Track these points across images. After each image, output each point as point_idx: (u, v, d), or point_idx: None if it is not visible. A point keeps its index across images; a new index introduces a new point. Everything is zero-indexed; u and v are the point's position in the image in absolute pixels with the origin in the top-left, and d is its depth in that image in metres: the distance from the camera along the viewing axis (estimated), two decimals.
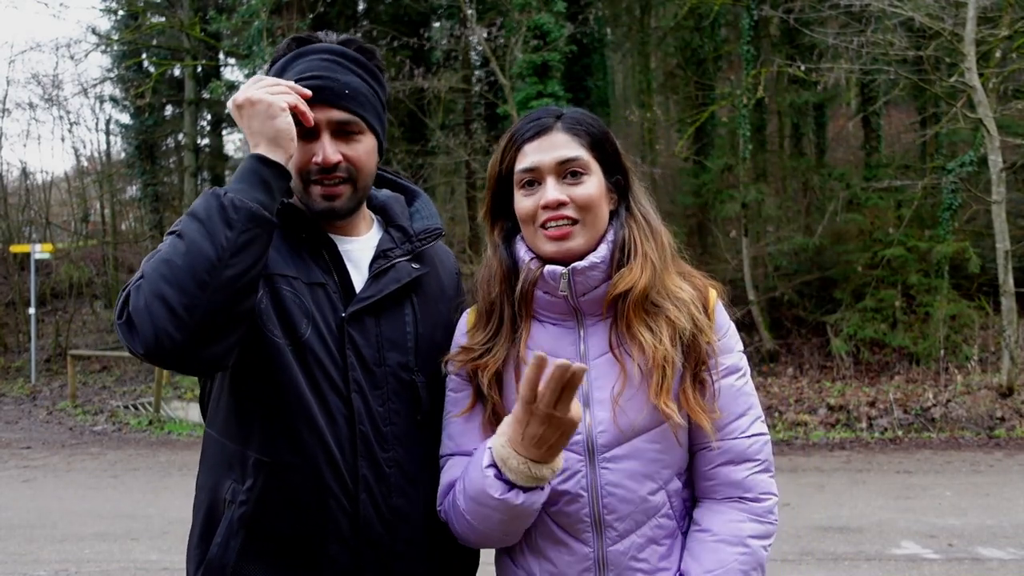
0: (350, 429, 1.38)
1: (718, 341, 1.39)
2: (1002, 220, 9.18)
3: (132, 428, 10.64)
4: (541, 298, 1.39)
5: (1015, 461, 7.40)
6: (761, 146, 13.37)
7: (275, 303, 1.37)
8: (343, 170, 1.42)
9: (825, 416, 9.21)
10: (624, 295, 1.34)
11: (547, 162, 1.36)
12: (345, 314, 1.40)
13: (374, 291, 1.44)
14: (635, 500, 1.33)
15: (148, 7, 17.05)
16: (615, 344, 1.36)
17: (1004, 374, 9.12)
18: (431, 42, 12.65)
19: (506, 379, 1.39)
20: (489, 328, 1.42)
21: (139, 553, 5.25)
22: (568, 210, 1.35)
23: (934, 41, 9.56)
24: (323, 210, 1.43)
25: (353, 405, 1.38)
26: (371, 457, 1.39)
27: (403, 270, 1.48)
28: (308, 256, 1.44)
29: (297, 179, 1.43)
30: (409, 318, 1.48)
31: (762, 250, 12.57)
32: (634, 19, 15.90)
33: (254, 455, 1.36)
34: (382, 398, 1.42)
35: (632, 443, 1.33)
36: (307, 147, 1.40)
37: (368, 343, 1.42)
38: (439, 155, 13.30)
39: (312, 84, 1.39)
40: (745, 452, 1.38)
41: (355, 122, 1.42)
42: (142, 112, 16.96)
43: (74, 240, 20.48)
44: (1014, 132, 10.35)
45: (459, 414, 1.43)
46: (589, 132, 1.39)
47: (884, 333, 10.87)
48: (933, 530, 5.27)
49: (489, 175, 1.47)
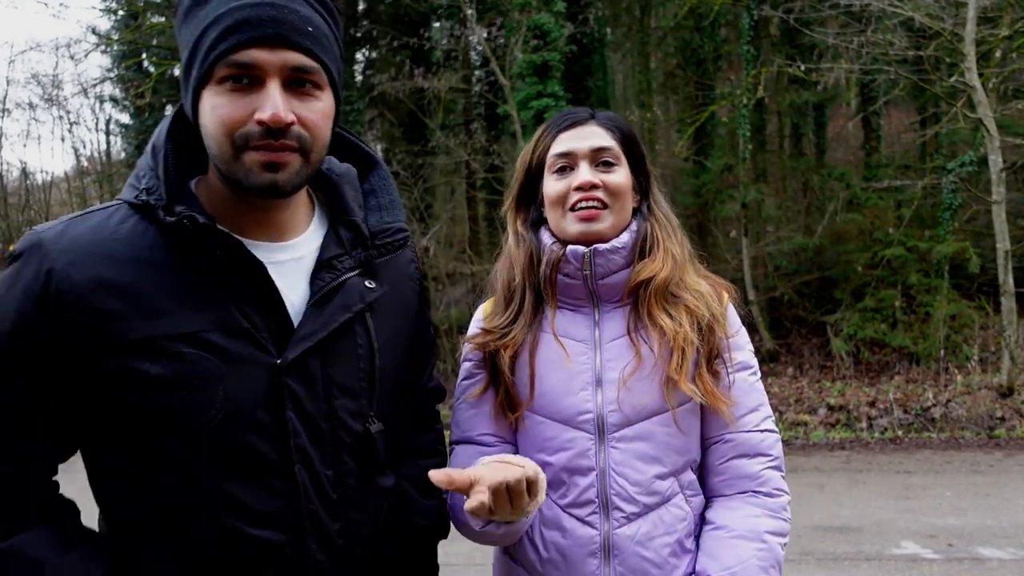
0: (293, 511, 1.08)
1: (731, 337, 1.41)
2: (1002, 220, 9.17)
3: None
4: (561, 282, 1.41)
5: (1015, 461, 7.40)
6: (761, 146, 13.36)
7: (167, 387, 1.00)
8: (293, 135, 1.02)
9: (825, 416, 9.21)
10: (646, 283, 1.37)
11: (583, 148, 1.40)
12: (281, 361, 1.05)
13: (316, 326, 1.08)
14: (643, 482, 1.34)
15: (148, 7, 17.04)
16: (632, 328, 1.38)
17: (1004, 374, 9.11)
18: (431, 42, 12.64)
19: (520, 362, 1.41)
20: (509, 312, 1.44)
21: None
22: (599, 193, 1.39)
23: (934, 41, 9.55)
24: (262, 184, 1.03)
25: (297, 480, 1.07)
26: (322, 534, 1.11)
27: (354, 291, 1.13)
28: (219, 284, 1.04)
29: (225, 144, 1.02)
30: (364, 351, 1.14)
31: (762, 250, 12.57)
32: (634, 19, 15.88)
33: (170, 550, 1.06)
34: (330, 459, 1.11)
35: (642, 424, 1.34)
36: (244, 99, 1.00)
37: (312, 394, 1.08)
38: (439, 155, 13.29)
39: (250, 15, 0.99)
40: (758, 446, 1.38)
41: (315, 70, 1.03)
42: (142, 112, 16.94)
43: None
44: (1014, 132, 10.35)
45: (470, 397, 1.45)
46: (621, 129, 1.45)
47: (884, 333, 10.87)
48: (933, 530, 5.27)
49: (520, 164, 1.50)
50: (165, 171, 1.05)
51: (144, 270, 1.01)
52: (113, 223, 1.05)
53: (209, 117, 1.02)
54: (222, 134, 1.02)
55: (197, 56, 1.01)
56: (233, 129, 1.01)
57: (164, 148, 1.07)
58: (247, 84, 1.01)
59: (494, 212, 13.68)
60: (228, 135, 1.01)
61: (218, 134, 1.02)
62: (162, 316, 1.00)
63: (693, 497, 1.39)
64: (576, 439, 1.35)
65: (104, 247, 1.02)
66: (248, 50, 0.99)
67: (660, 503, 1.35)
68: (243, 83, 1.00)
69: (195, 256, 1.04)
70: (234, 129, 1.01)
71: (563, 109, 11.00)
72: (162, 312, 1.01)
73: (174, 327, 1.01)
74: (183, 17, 1.05)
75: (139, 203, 1.05)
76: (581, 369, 1.38)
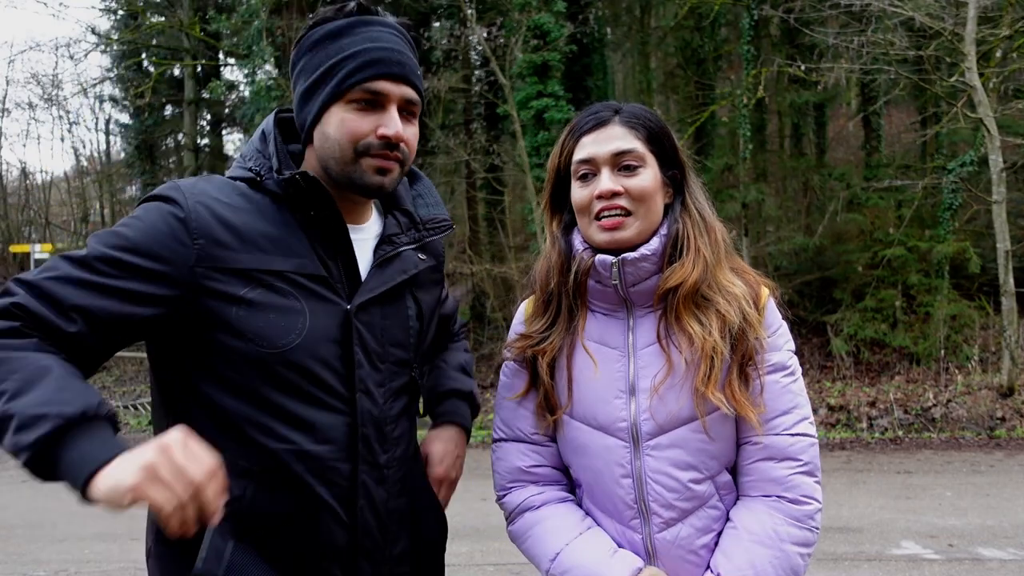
0: (350, 433, 1.30)
1: (767, 338, 1.38)
2: (1002, 220, 9.17)
3: (132, 428, 10.64)
4: (593, 288, 1.41)
5: (1015, 461, 7.40)
6: (761, 146, 13.36)
7: (260, 309, 1.24)
8: (401, 150, 1.32)
9: (825, 416, 9.21)
10: (675, 289, 1.36)
11: (603, 154, 1.38)
12: (351, 306, 1.31)
13: (379, 283, 1.36)
14: (679, 488, 1.34)
15: (148, 7, 17.04)
16: (663, 335, 1.37)
17: (1004, 374, 9.11)
18: (431, 42, 12.64)
19: (559, 366, 1.42)
20: (547, 317, 1.45)
21: (139, 553, 5.22)
22: (622, 200, 1.36)
23: (934, 41, 9.55)
24: (373, 185, 1.32)
25: (358, 406, 1.30)
26: (372, 461, 1.32)
27: (409, 260, 1.42)
28: (309, 239, 1.31)
29: (348, 149, 1.30)
30: (412, 311, 1.42)
31: (762, 250, 12.57)
32: (634, 19, 15.89)
33: (242, 464, 1.24)
34: (385, 396, 1.35)
35: (677, 432, 1.34)
36: (368, 117, 1.30)
37: (374, 337, 1.34)
38: (439, 155, 13.29)
39: (383, 56, 1.30)
40: (787, 450, 1.36)
41: (418, 103, 1.35)
42: (142, 112, 16.95)
43: (74, 240, 20.47)
44: (1014, 132, 10.35)
45: (512, 397, 1.47)
46: (646, 126, 1.41)
47: (884, 333, 10.87)
48: (933, 530, 5.27)
49: (549, 168, 1.49)
50: (276, 149, 1.34)
51: (251, 219, 1.28)
52: (230, 185, 1.33)
53: (336, 127, 1.31)
54: (348, 141, 1.30)
55: (331, 79, 1.30)
56: (358, 139, 1.30)
57: (274, 132, 1.37)
58: (372, 107, 1.30)
59: (494, 212, 13.69)
60: (352, 143, 1.30)
61: (344, 141, 1.30)
62: (261, 254, 1.26)
63: (727, 495, 1.39)
64: (612, 447, 1.36)
65: (225, 197, 1.29)
66: (380, 81, 1.30)
67: (697, 507, 1.35)
68: (370, 105, 1.30)
69: (291, 215, 1.31)
70: (358, 139, 1.30)
71: (563, 109, 10.97)
72: (262, 251, 1.26)
73: (268, 264, 1.26)
74: (311, 46, 1.34)
75: (252, 174, 1.33)
76: (615, 377, 1.38)
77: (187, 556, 1.18)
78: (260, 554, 1.24)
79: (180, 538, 1.02)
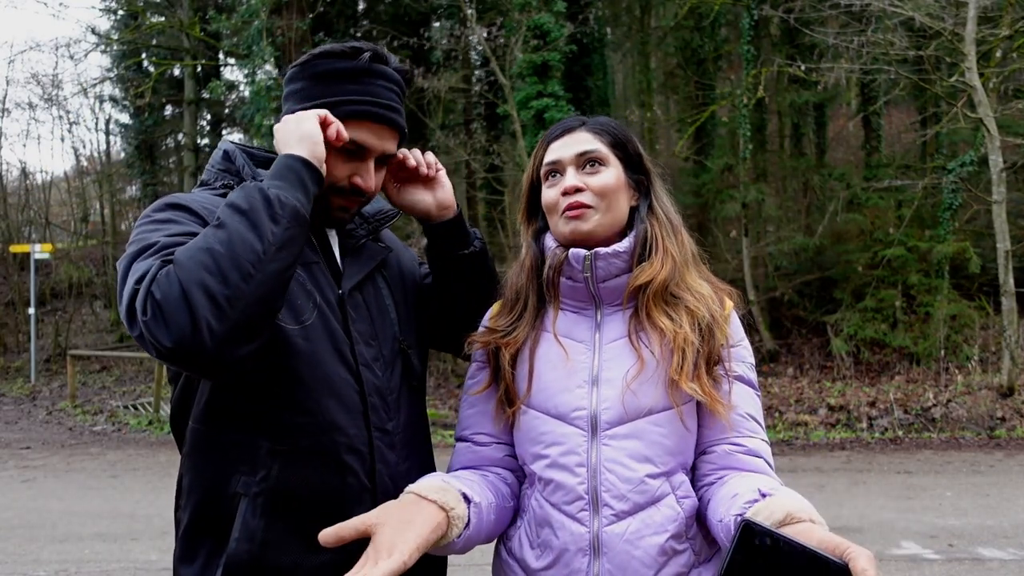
0: (362, 402, 1.41)
1: (732, 348, 1.41)
2: (1002, 220, 9.18)
3: (132, 428, 10.64)
4: (565, 285, 1.45)
5: (1015, 461, 7.40)
6: (761, 146, 13.36)
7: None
8: (366, 196, 1.47)
9: (825, 416, 9.21)
10: (644, 287, 1.40)
11: (568, 155, 1.46)
12: (342, 291, 1.45)
13: (355, 270, 1.50)
14: (633, 480, 1.34)
15: (148, 7, 17.05)
16: (632, 331, 1.40)
17: (1004, 374, 9.12)
18: (431, 42, 12.65)
19: (521, 358, 1.45)
20: (513, 313, 1.50)
21: (139, 553, 5.25)
22: (585, 196, 1.42)
23: (934, 41, 9.55)
24: (335, 218, 1.47)
25: (363, 378, 1.41)
26: (381, 427, 1.43)
27: (373, 249, 1.56)
28: None
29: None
30: (385, 292, 1.55)
31: (762, 250, 12.58)
32: (634, 19, 15.90)
33: (266, 444, 1.32)
34: (382, 368, 1.46)
35: (636, 423, 1.35)
36: (348, 164, 1.42)
37: (362, 318, 1.47)
38: (439, 155, 13.19)
39: (378, 112, 1.42)
40: (758, 450, 1.39)
41: (392, 157, 1.49)
42: (142, 112, 16.97)
43: (74, 240, 20.50)
44: (1014, 132, 10.35)
45: (473, 393, 1.51)
46: (611, 132, 1.49)
47: (884, 333, 10.88)
48: (933, 530, 5.27)
49: (524, 177, 1.57)
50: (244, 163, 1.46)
51: None
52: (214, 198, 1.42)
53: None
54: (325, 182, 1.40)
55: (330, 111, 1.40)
56: (332, 182, 1.41)
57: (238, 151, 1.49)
58: (352, 155, 1.42)
59: (494, 212, 13.69)
60: (329, 184, 1.41)
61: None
62: None
63: (685, 499, 1.38)
64: (569, 435, 1.37)
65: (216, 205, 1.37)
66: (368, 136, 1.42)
67: (650, 502, 1.35)
68: (351, 154, 1.42)
69: None
70: (333, 183, 1.42)
71: (563, 109, 10.97)
72: None
73: None
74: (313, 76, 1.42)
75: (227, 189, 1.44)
76: (579, 368, 1.40)
77: (219, 535, 1.31)
78: (291, 529, 1.32)
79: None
